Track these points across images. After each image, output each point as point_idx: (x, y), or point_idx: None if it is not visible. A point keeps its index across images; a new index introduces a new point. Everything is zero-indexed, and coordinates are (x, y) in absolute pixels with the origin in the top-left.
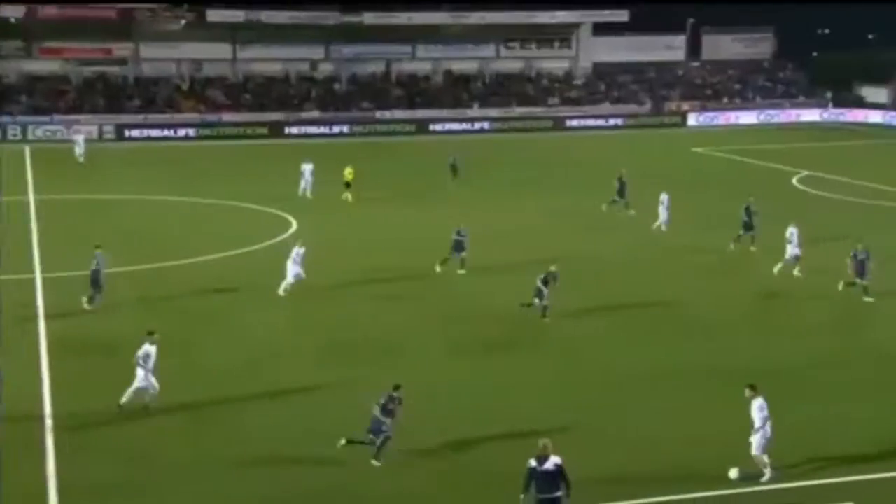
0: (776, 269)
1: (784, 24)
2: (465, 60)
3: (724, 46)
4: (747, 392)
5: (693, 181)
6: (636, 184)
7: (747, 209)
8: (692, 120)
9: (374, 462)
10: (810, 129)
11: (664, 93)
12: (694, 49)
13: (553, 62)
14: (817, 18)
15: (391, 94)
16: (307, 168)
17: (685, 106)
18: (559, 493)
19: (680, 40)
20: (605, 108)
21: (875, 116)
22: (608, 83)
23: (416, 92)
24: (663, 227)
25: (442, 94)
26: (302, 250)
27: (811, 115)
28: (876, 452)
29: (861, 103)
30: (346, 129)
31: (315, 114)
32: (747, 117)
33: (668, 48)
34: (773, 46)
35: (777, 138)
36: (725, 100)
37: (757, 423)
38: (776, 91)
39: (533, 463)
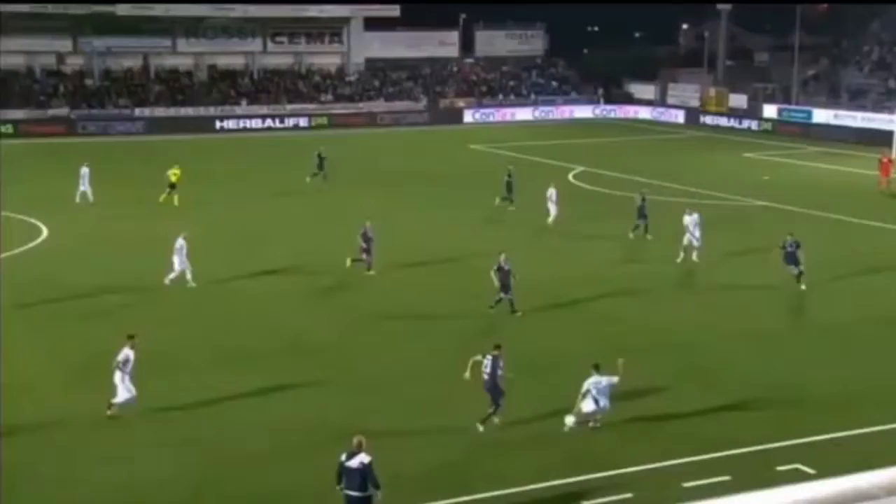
0: (695, 257)
1: (555, 21)
2: (230, 55)
3: (498, 43)
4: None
5: (478, 179)
6: (428, 182)
7: (643, 199)
8: (468, 117)
9: (479, 427)
10: (584, 125)
11: (439, 89)
12: (467, 45)
13: (324, 57)
14: (586, 16)
15: (151, 90)
16: (85, 172)
17: (461, 103)
18: (361, 494)
19: (453, 36)
20: (380, 104)
21: (644, 112)
22: (382, 79)
23: (178, 88)
24: (549, 221)
25: (207, 90)
26: (184, 242)
27: (584, 111)
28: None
29: (630, 99)
30: (95, 127)
31: (65, 111)
32: (523, 114)
33: (441, 44)
34: (545, 43)
35: (553, 135)
36: (501, 96)
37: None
38: (550, 87)
39: (342, 457)
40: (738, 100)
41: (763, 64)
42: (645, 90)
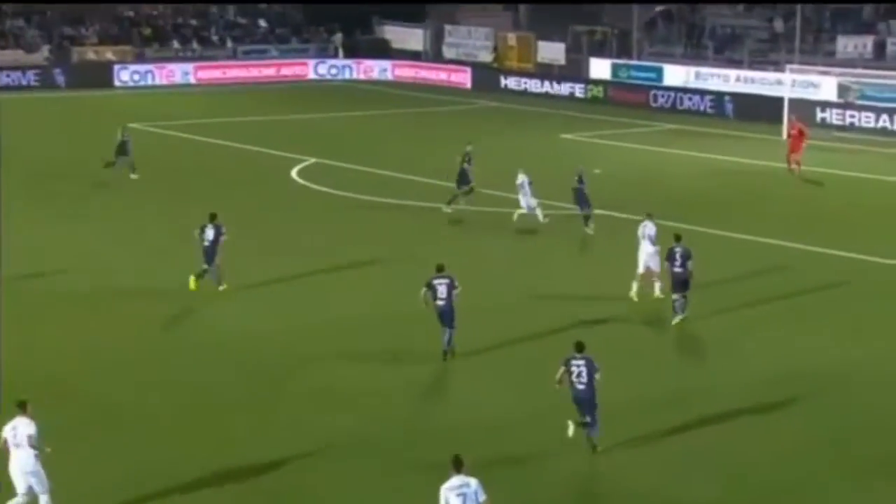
0: (658, 291)
1: None
2: None
3: None
4: None
5: (156, 176)
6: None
7: (579, 180)
8: (120, 77)
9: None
10: (312, 90)
11: (71, 32)
12: None
13: None
14: None
15: None
16: None
17: (109, 53)
18: None
19: None
20: None
21: (407, 71)
22: None
23: None
24: (539, 215)
25: None
26: None
27: (311, 68)
28: None
29: (386, 51)
30: None
31: None
32: (211, 72)
33: None
34: None
35: (262, 107)
36: (176, 44)
37: None
38: (256, 31)
39: None
40: (552, 51)
41: None
42: (409, 37)
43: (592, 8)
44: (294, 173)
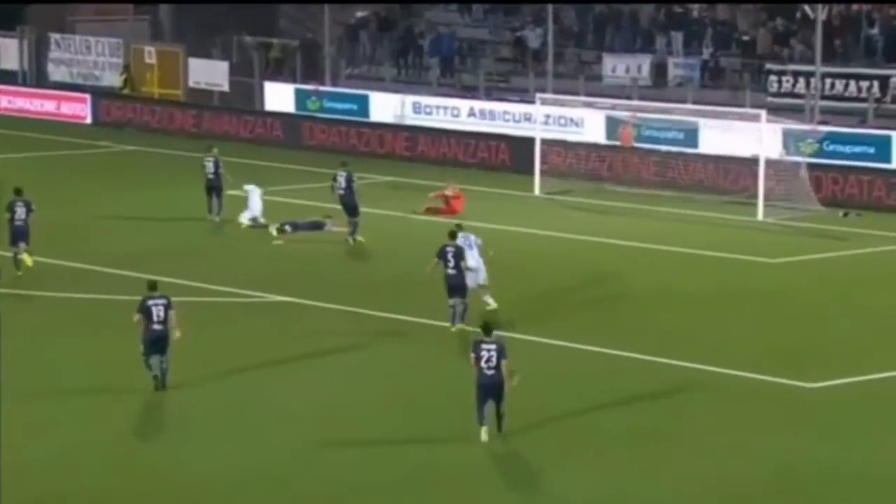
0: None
1: None
2: None
3: None
4: None
5: None
6: None
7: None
8: None
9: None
10: None
11: None
12: None
13: None
14: None
15: None
16: None
17: None
18: None
19: None
20: None
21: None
22: None
23: None
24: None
25: None
26: None
27: None
28: None
29: None
30: None
31: None
32: None
33: None
34: None
35: None
36: None
37: None
38: None
39: None
40: (210, 72)
41: None
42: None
43: (266, 12)
44: None
